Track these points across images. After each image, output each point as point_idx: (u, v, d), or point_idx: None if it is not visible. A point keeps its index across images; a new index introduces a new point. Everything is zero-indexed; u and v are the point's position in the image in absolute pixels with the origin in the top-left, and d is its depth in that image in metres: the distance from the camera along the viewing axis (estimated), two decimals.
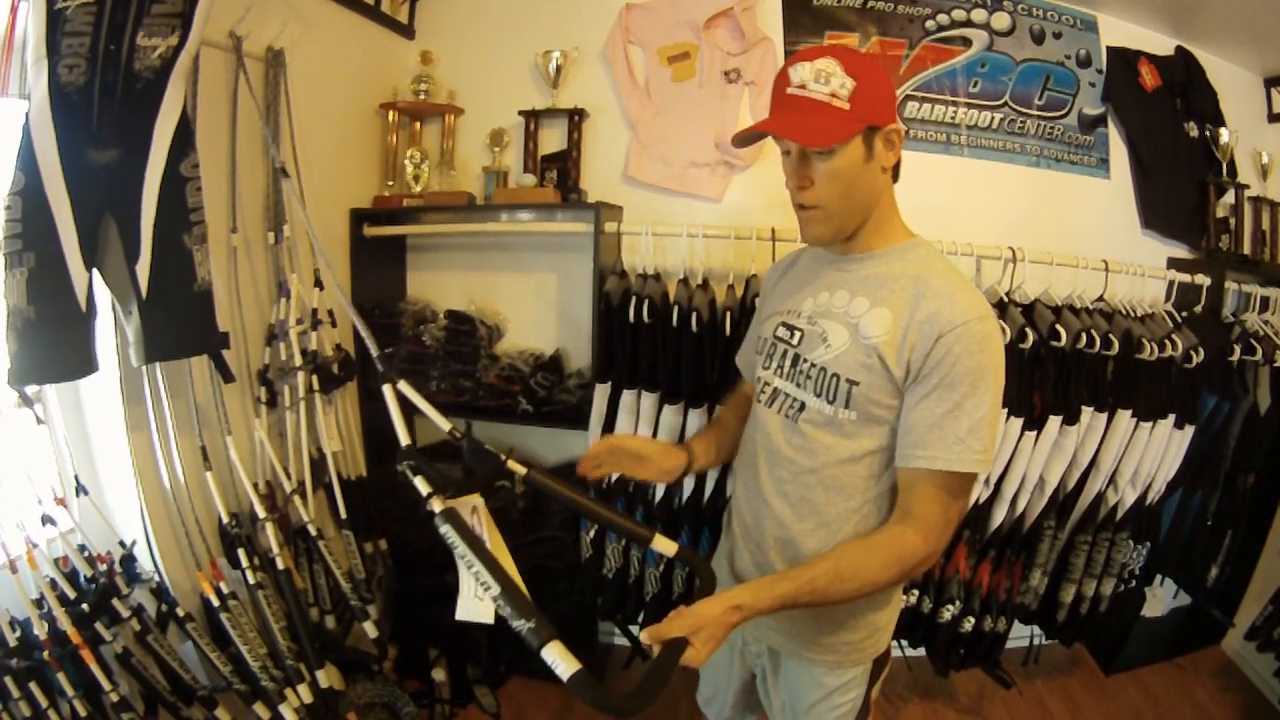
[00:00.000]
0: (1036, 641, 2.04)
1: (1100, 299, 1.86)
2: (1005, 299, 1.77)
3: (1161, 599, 2.22)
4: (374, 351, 1.19)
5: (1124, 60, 2.08)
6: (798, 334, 1.04)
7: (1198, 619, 2.31)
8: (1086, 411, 1.73)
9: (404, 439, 1.06)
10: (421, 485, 0.95)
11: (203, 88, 1.43)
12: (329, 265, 1.46)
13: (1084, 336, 1.69)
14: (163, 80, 1.26)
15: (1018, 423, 1.69)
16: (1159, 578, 2.10)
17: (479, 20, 2.16)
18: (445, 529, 0.87)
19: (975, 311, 0.91)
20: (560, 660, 0.73)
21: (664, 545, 1.05)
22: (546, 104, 2.09)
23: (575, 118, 2.07)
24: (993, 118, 2.08)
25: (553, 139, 2.13)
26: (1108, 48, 2.08)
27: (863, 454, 0.98)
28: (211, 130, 1.50)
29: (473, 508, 0.99)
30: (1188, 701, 2.15)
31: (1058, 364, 1.71)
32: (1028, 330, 1.67)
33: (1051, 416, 1.71)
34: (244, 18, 1.53)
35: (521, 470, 1.07)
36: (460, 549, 0.84)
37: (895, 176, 1.01)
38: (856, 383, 0.95)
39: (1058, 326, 1.69)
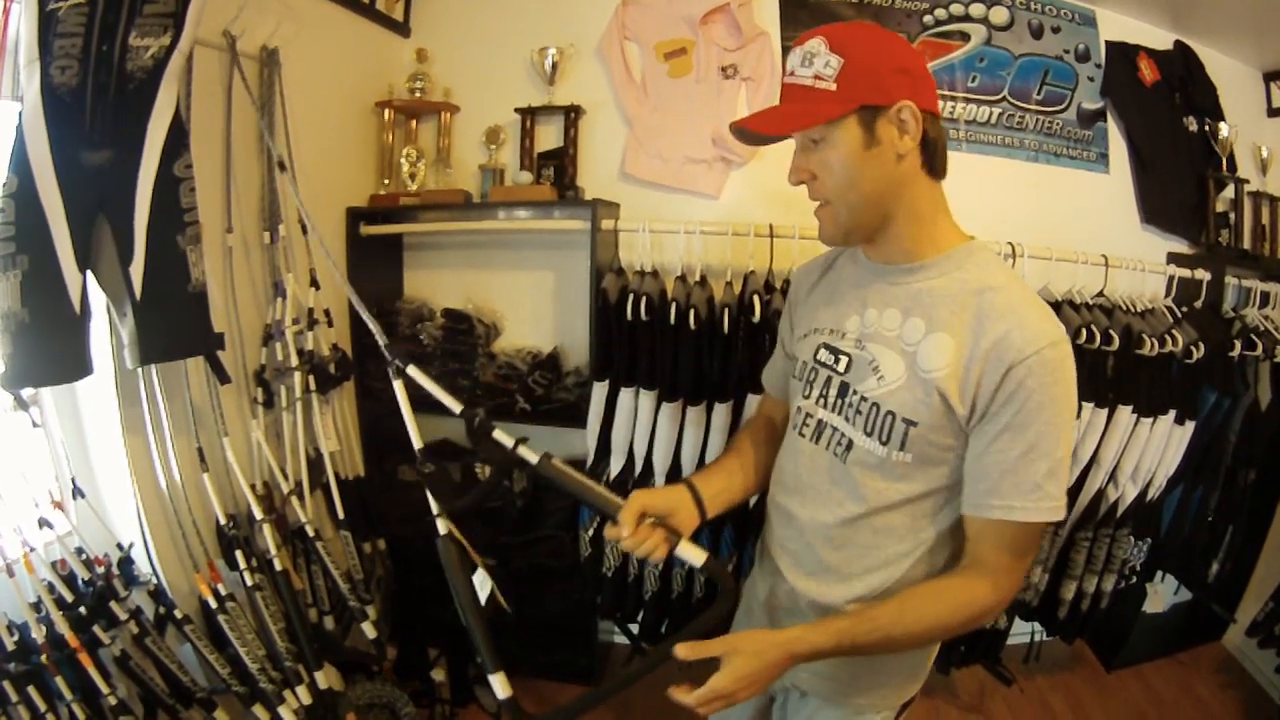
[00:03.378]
0: (1038, 638, 2.03)
1: (1100, 294, 1.85)
2: None
3: (1163, 595, 2.22)
4: (381, 340, 1.16)
5: (1123, 55, 2.07)
6: (844, 359, 0.92)
7: (1199, 615, 2.31)
8: (1087, 408, 1.72)
9: (417, 441, 1.04)
10: (433, 500, 0.96)
11: (197, 87, 1.43)
12: (330, 255, 1.44)
13: (1084, 332, 1.68)
14: (155, 80, 1.25)
15: None
16: (1160, 574, 2.09)
17: (474, 17, 2.15)
18: (442, 551, 0.88)
19: (1049, 335, 0.79)
20: (500, 686, 0.93)
21: (691, 553, 0.93)
22: (543, 101, 2.08)
23: (571, 115, 2.07)
24: (991, 112, 2.07)
25: (549, 136, 2.13)
26: (1106, 42, 2.07)
27: (917, 496, 0.88)
28: (206, 130, 1.49)
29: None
30: (1189, 697, 2.15)
31: None
32: None
33: None
34: (238, 16, 1.52)
35: (534, 458, 0.98)
36: (449, 575, 0.87)
37: (935, 169, 0.87)
38: (915, 423, 0.84)
39: None
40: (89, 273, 1.25)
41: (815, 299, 1.02)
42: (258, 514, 1.51)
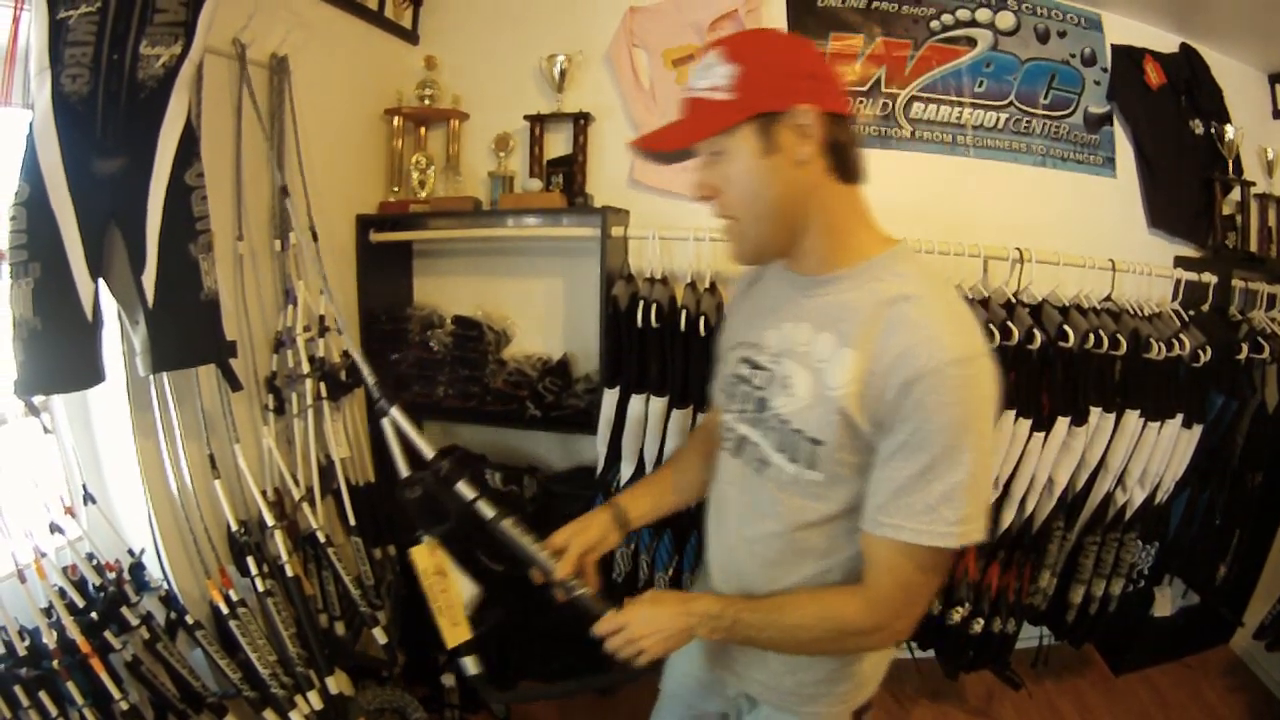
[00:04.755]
0: (1045, 642, 2.03)
1: (1108, 298, 1.85)
2: (1013, 300, 1.76)
3: (1170, 599, 2.22)
4: (369, 380, 1.18)
5: (1129, 58, 2.08)
6: (761, 374, 0.89)
7: (1206, 619, 2.31)
8: (1094, 412, 1.73)
9: (403, 471, 1.05)
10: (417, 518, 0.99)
11: (207, 95, 1.43)
12: (325, 273, 1.44)
13: (1092, 336, 1.69)
14: (166, 89, 1.25)
15: (1026, 424, 1.69)
16: (1167, 577, 2.09)
17: (482, 25, 2.16)
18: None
19: (957, 350, 0.73)
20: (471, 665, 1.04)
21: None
22: (551, 108, 2.08)
23: (580, 121, 2.07)
24: (998, 117, 2.07)
25: (558, 143, 2.13)
26: (1112, 46, 2.08)
27: (834, 515, 0.85)
28: (216, 138, 1.49)
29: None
30: (1197, 702, 2.15)
31: (1065, 364, 1.71)
32: (1035, 331, 1.66)
33: (1060, 417, 1.71)
34: (247, 25, 1.52)
35: (490, 514, 0.99)
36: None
37: (846, 173, 0.83)
38: (821, 443, 0.81)
39: (1065, 327, 1.68)
40: (101, 280, 1.24)
41: (742, 312, 1.00)
42: (269, 520, 1.51)
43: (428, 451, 1.07)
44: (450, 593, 1.03)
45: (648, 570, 1.86)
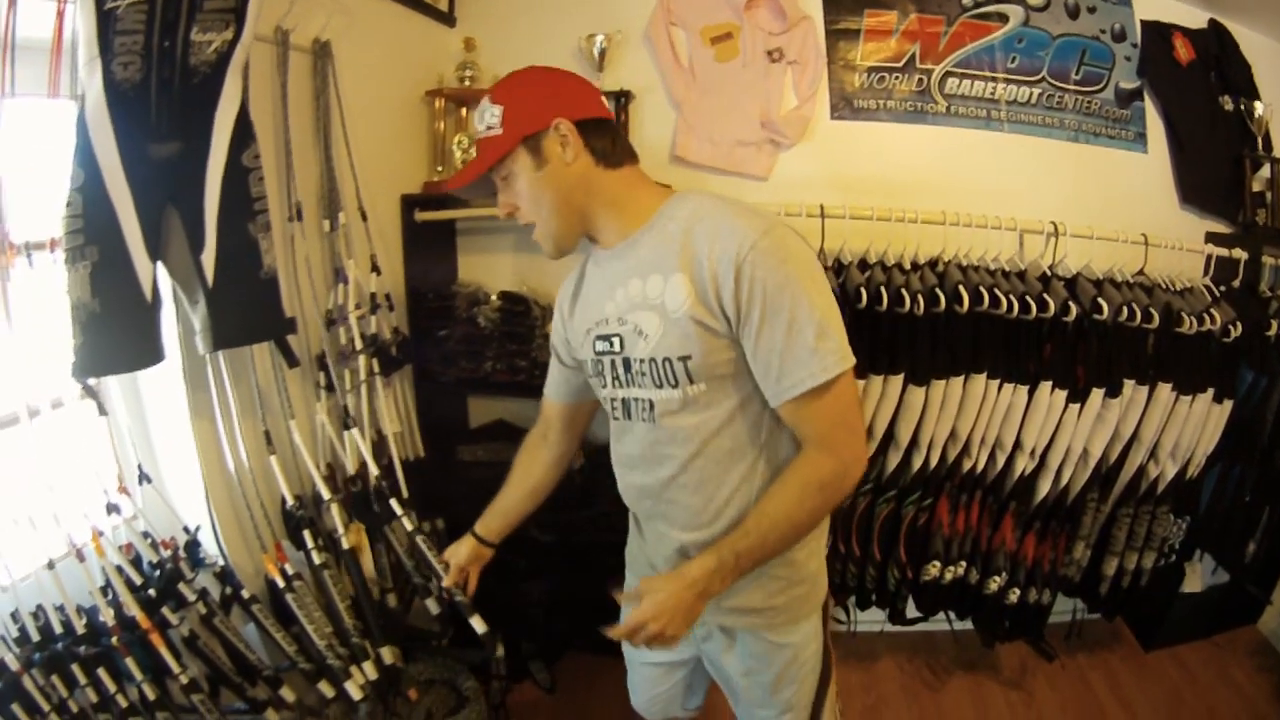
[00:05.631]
0: (1079, 616, 2.05)
1: (1140, 273, 1.86)
2: (1049, 273, 1.77)
3: (1201, 575, 2.23)
4: None
5: (1158, 34, 2.07)
6: (615, 339, 1.01)
7: (1236, 597, 2.31)
8: (1128, 384, 1.74)
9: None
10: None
11: (252, 81, 1.43)
12: (378, 259, 1.45)
13: (1125, 310, 1.69)
14: (220, 74, 1.27)
15: (1062, 395, 1.70)
16: (1198, 553, 2.10)
17: (520, 6, 2.17)
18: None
19: (757, 228, 0.89)
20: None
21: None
22: None
23: (621, 100, 2.09)
24: (1031, 93, 2.07)
25: None
26: (1142, 21, 2.07)
27: (732, 413, 0.97)
28: (263, 123, 1.49)
29: None
30: (1224, 681, 2.15)
31: (1100, 337, 1.72)
32: (1070, 304, 1.67)
33: (1094, 389, 1.72)
34: (289, 11, 1.55)
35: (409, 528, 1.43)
36: None
37: (611, 162, 0.98)
38: (689, 356, 0.93)
39: (1100, 300, 1.69)
40: (159, 262, 1.26)
41: (579, 307, 1.10)
42: (325, 494, 1.54)
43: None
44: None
45: None
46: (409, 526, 1.62)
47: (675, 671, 1.27)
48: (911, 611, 1.96)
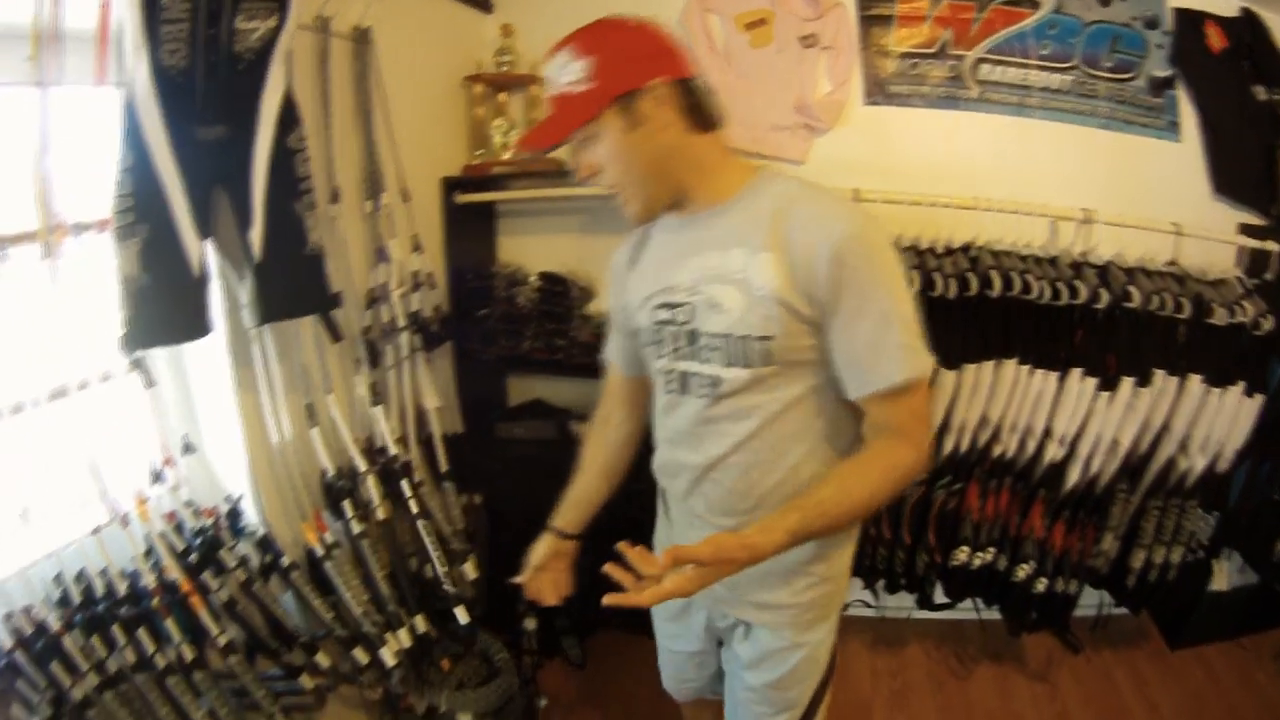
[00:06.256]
0: (1105, 610, 2.03)
1: (1172, 262, 1.84)
2: (1080, 259, 1.77)
3: (1228, 573, 2.20)
4: None
5: (1190, 22, 2.04)
6: (683, 309, 0.97)
7: (1263, 598, 2.27)
8: (1158, 374, 1.73)
9: None
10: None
11: (295, 68, 1.47)
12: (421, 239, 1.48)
13: (1155, 299, 1.69)
14: (264, 60, 1.31)
15: (1092, 383, 1.70)
16: (1226, 551, 2.07)
17: None
18: None
19: (855, 219, 0.88)
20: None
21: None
22: None
23: None
24: (1064, 80, 2.06)
25: None
26: (1174, 9, 2.04)
27: (800, 397, 0.95)
28: (306, 107, 1.53)
29: None
30: (1247, 684, 2.12)
31: (1131, 326, 1.71)
32: (1101, 291, 1.67)
33: (1124, 378, 1.71)
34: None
35: None
36: None
37: (704, 125, 0.94)
38: (769, 337, 0.90)
39: (1130, 288, 1.68)
40: (208, 240, 1.30)
41: (640, 272, 1.06)
42: (361, 466, 1.58)
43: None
44: None
45: None
46: (414, 510, 1.65)
47: (706, 666, 1.26)
48: (940, 597, 1.97)
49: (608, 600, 0.83)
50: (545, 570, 1.21)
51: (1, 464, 1.25)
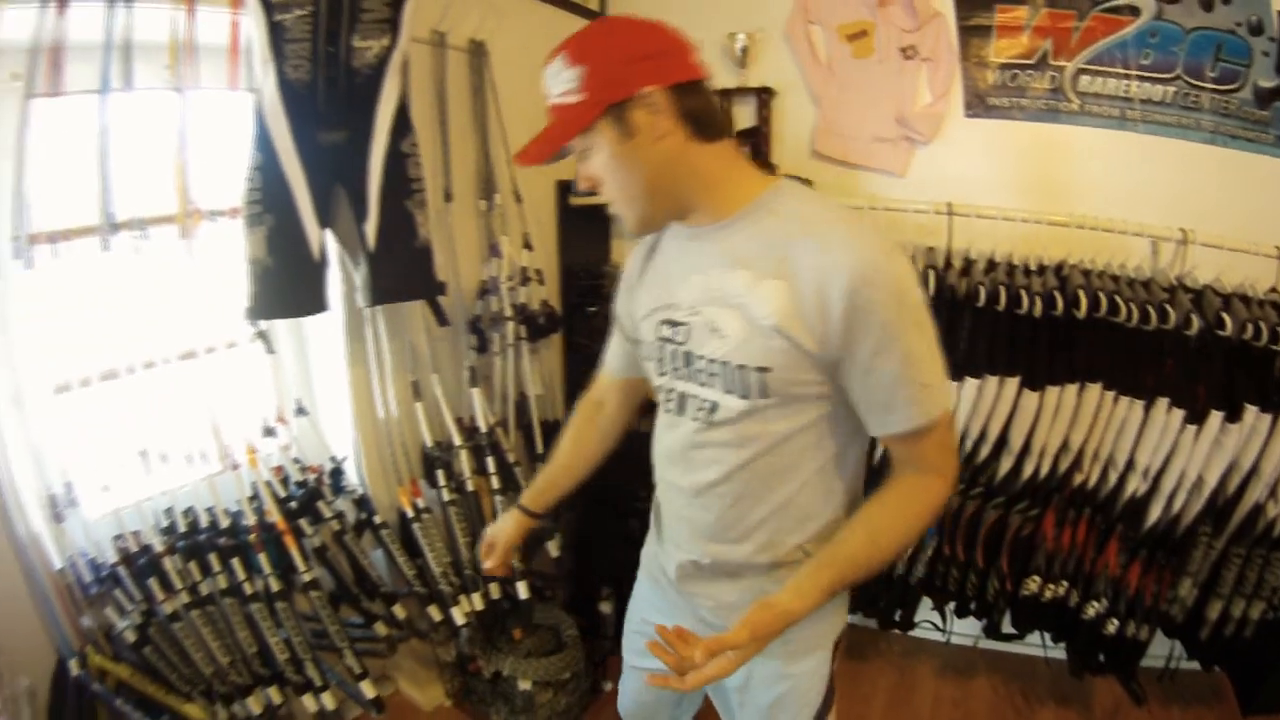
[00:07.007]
0: (1175, 663, 1.91)
1: (1273, 289, 1.70)
2: (1175, 283, 1.69)
3: None
4: None
5: None
6: (682, 329, 0.92)
7: None
8: (1250, 410, 1.61)
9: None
10: None
11: (414, 78, 1.59)
12: (530, 238, 1.56)
13: (1250, 327, 1.58)
14: (379, 74, 1.44)
15: (1179, 415, 1.63)
16: None
17: (665, 4, 2.19)
18: None
19: (875, 250, 0.80)
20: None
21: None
22: (735, 83, 2.18)
23: (763, 96, 2.16)
24: (1166, 91, 1.94)
25: (744, 115, 2.22)
26: (1279, 13, 1.88)
27: (799, 431, 0.89)
28: (423, 116, 1.67)
29: None
30: None
31: (1224, 356, 1.61)
32: (1193, 317, 1.60)
33: (1214, 411, 1.63)
34: (445, 15, 1.71)
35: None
36: None
37: (707, 133, 0.86)
38: (768, 369, 0.84)
39: (1223, 315, 1.59)
40: (328, 230, 1.46)
41: (648, 280, 1.01)
42: (456, 440, 1.73)
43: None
44: None
45: None
46: (496, 485, 1.74)
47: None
48: (1007, 627, 1.91)
49: (650, 681, 0.84)
50: (502, 545, 1.21)
51: (132, 411, 1.43)
